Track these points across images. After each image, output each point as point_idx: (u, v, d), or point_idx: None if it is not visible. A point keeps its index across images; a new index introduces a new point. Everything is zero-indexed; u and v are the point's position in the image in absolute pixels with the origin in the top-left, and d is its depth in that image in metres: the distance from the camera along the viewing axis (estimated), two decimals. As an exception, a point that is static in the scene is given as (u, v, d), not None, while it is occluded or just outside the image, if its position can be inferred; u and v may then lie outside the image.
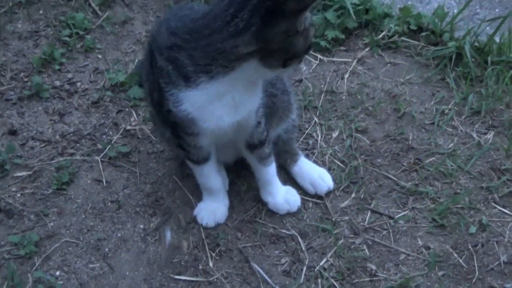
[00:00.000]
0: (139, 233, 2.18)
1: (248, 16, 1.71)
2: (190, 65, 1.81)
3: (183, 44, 1.82)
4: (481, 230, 2.19)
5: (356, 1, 2.78)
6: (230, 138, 2.03)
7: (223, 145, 2.10)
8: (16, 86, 2.59)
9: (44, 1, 2.89)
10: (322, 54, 2.71)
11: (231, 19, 1.73)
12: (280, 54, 1.76)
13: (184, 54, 1.82)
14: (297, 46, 1.76)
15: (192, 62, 1.81)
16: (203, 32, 1.78)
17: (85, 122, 2.48)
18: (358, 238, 2.17)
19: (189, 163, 2.12)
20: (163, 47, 1.86)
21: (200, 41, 1.79)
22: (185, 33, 1.83)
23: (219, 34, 1.75)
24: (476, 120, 2.49)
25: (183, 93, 1.85)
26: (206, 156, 2.08)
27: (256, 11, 1.70)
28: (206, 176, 2.14)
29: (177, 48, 1.83)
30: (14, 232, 2.18)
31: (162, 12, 2.87)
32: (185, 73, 1.83)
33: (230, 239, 2.17)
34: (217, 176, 2.16)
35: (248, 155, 2.14)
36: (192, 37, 1.81)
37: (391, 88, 2.59)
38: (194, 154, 2.06)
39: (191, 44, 1.81)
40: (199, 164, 2.09)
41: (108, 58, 2.69)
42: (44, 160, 2.37)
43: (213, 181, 2.16)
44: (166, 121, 1.99)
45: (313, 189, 2.27)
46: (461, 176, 2.33)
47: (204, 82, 1.82)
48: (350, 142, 2.41)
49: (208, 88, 1.83)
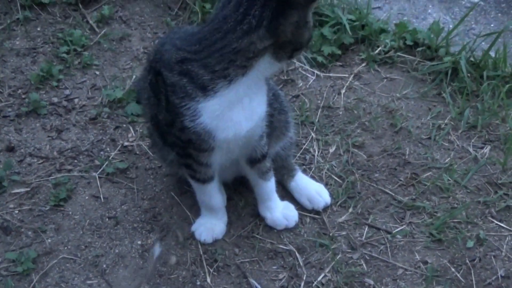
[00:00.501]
0: (137, 249, 2.18)
1: (260, 11, 1.77)
2: (206, 74, 1.83)
3: (193, 56, 1.84)
4: (478, 245, 2.19)
5: (352, 17, 2.80)
6: (236, 154, 2.04)
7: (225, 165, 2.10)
8: (14, 103, 2.60)
9: (42, 18, 2.91)
10: (318, 69, 2.72)
11: (243, 18, 1.78)
12: (290, 46, 1.83)
13: (196, 65, 1.84)
14: (304, 37, 1.84)
15: (207, 71, 1.83)
16: (215, 36, 1.81)
17: (82, 139, 2.49)
18: (355, 253, 2.17)
19: (194, 182, 2.12)
20: (173, 62, 1.87)
21: (214, 46, 1.81)
22: (192, 45, 1.85)
23: (233, 34, 1.79)
24: (472, 134, 2.51)
25: (202, 104, 1.86)
26: (212, 175, 2.09)
27: (267, 6, 1.76)
28: (209, 195, 2.14)
29: (187, 61, 1.85)
30: (11, 249, 2.17)
31: (160, 28, 2.88)
32: (201, 83, 1.84)
33: (227, 254, 2.17)
34: (219, 195, 2.16)
35: (248, 171, 2.15)
36: (201, 45, 1.84)
37: (388, 103, 2.60)
38: (202, 173, 2.06)
39: (202, 53, 1.83)
40: (204, 183, 2.09)
41: (105, 74, 2.71)
42: (42, 176, 2.37)
43: (216, 200, 2.16)
44: (175, 142, 1.99)
45: (310, 205, 2.27)
46: (458, 190, 2.33)
47: (223, 88, 1.84)
48: (347, 157, 2.42)
49: (227, 93, 1.85)
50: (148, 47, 2.79)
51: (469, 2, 3.00)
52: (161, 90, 1.92)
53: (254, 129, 1.97)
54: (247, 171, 2.16)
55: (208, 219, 2.20)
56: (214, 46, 1.81)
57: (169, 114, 1.92)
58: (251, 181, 2.19)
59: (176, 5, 2.96)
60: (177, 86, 1.87)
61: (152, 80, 1.98)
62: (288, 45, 1.83)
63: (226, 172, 2.20)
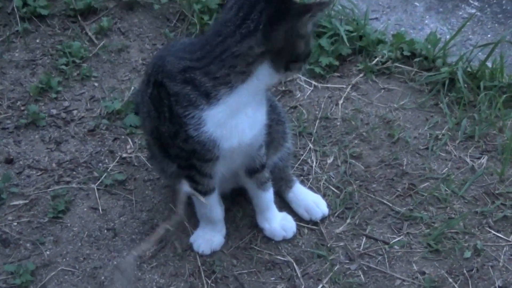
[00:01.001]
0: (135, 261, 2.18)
1: (258, 16, 1.81)
2: (208, 81, 1.86)
3: (196, 64, 1.87)
4: (476, 255, 2.20)
5: (349, 28, 2.81)
6: (238, 164, 2.05)
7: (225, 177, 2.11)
8: (13, 115, 2.61)
9: (41, 30, 2.92)
10: (316, 80, 2.73)
11: (242, 22, 1.82)
12: (285, 55, 1.86)
13: (199, 73, 1.86)
14: (298, 49, 1.86)
15: (209, 77, 1.86)
16: (216, 40, 1.85)
17: (81, 150, 2.50)
18: (353, 264, 2.18)
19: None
20: (175, 72, 1.89)
21: (215, 51, 1.84)
22: (194, 53, 1.88)
23: (233, 38, 1.83)
24: (469, 145, 2.51)
25: (206, 112, 1.88)
26: (214, 187, 2.10)
27: (265, 11, 1.81)
28: (210, 207, 2.14)
29: (190, 69, 1.87)
30: (10, 261, 2.18)
31: (158, 40, 2.89)
32: (204, 90, 1.86)
33: (226, 266, 2.17)
34: (218, 207, 2.17)
35: (247, 181, 2.15)
36: (203, 51, 1.87)
37: (385, 114, 2.61)
38: (205, 185, 2.07)
39: (204, 60, 1.86)
40: (205, 195, 2.10)
41: (104, 86, 2.72)
42: (41, 188, 2.38)
43: (215, 212, 2.17)
44: (178, 154, 2.00)
45: (308, 215, 2.28)
46: (456, 201, 2.34)
47: (225, 95, 1.86)
48: (344, 168, 2.43)
49: (229, 101, 1.87)
50: (147, 59, 2.80)
51: (466, 13, 3.02)
52: (164, 101, 1.93)
53: (257, 136, 1.99)
54: (245, 181, 2.17)
55: (207, 231, 2.20)
56: (215, 51, 1.84)
57: (173, 125, 1.94)
58: (249, 191, 2.19)
59: (175, 17, 2.97)
60: (180, 95, 1.88)
61: (153, 93, 1.99)
62: (284, 54, 1.85)
63: (225, 183, 2.20)
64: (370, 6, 2.98)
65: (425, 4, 3.05)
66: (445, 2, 3.06)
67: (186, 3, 2.94)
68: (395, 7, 3.04)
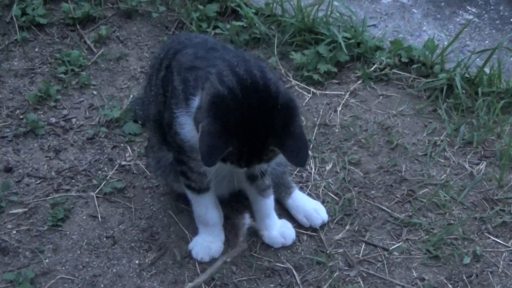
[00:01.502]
0: (135, 269, 2.18)
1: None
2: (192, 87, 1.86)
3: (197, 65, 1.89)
4: (475, 261, 2.20)
5: (347, 35, 2.82)
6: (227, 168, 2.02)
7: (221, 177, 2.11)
8: (12, 123, 2.61)
9: (40, 39, 2.93)
10: (314, 87, 2.74)
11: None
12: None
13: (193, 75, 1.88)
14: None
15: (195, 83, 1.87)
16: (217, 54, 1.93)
17: (80, 158, 2.50)
18: (352, 271, 2.18)
19: (189, 192, 2.13)
20: (184, 67, 1.89)
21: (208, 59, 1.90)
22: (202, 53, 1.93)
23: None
24: (468, 150, 2.52)
25: (185, 117, 1.89)
26: (208, 185, 2.09)
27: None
28: (205, 207, 2.14)
29: (193, 69, 1.89)
30: (9, 269, 2.18)
31: (157, 48, 2.90)
32: (188, 95, 1.87)
33: (225, 273, 2.17)
34: (214, 209, 2.17)
35: (247, 187, 2.16)
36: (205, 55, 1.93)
37: (384, 120, 2.61)
38: (197, 181, 2.07)
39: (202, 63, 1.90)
40: (199, 193, 2.10)
41: (103, 94, 2.72)
42: (40, 196, 2.38)
43: (211, 214, 2.16)
44: (172, 144, 2.01)
45: (307, 222, 2.28)
46: (454, 207, 2.34)
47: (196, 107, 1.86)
48: (343, 174, 2.43)
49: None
50: (145, 67, 2.81)
51: (464, 19, 3.02)
52: (169, 88, 1.94)
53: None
54: (246, 187, 2.17)
55: (205, 238, 2.20)
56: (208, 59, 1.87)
57: (170, 114, 1.95)
58: (250, 197, 2.20)
59: (173, 25, 2.98)
60: (176, 90, 1.89)
61: (166, 75, 2.00)
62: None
63: (223, 186, 2.20)
64: (368, 13, 2.99)
65: (423, 10, 3.06)
66: (443, 8, 3.07)
67: (185, 11, 2.96)
68: (392, 14, 3.05)
